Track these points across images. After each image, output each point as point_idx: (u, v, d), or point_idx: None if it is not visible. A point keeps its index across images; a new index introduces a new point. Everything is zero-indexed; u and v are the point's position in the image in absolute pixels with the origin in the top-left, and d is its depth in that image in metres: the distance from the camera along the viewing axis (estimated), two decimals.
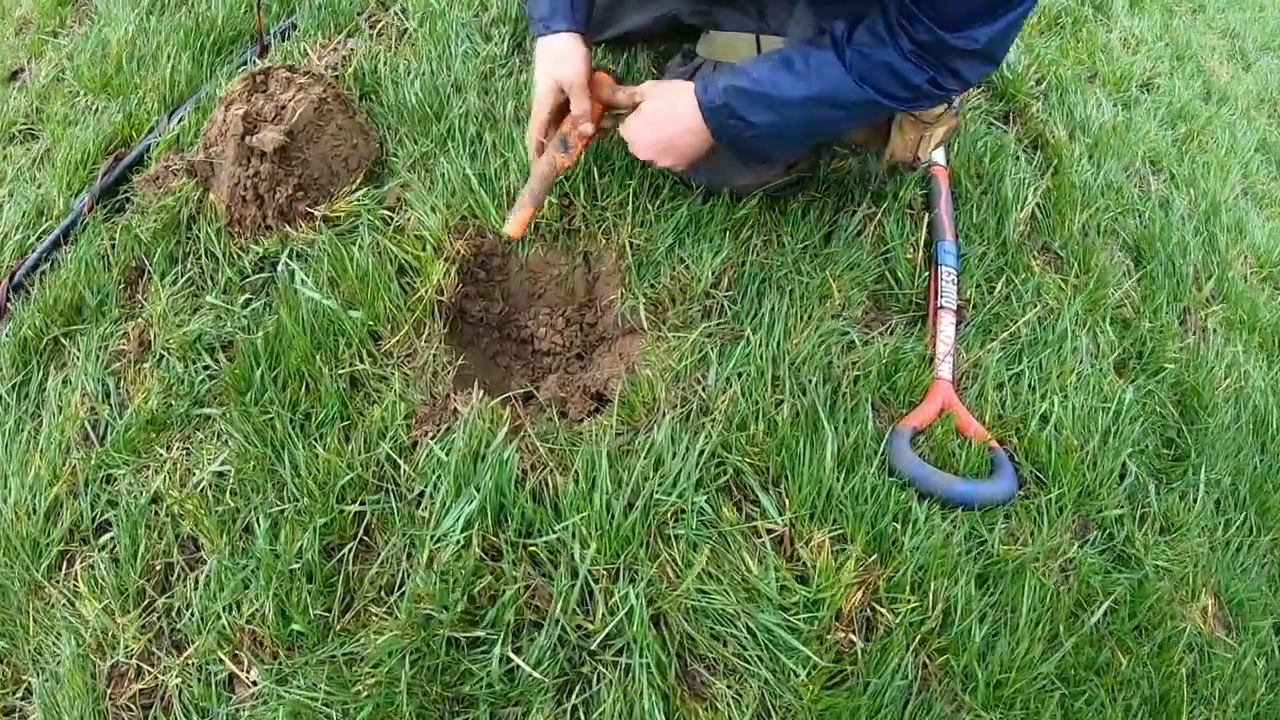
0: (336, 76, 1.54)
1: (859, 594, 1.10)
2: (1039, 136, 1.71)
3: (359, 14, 1.73)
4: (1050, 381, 1.38)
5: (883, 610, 1.11)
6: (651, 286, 1.30)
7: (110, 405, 1.32)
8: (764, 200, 1.37)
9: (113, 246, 1.44)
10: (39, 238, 1.51)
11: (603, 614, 1.03)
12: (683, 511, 1.09)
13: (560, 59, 1.21)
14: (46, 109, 1.74)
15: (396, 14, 1.72)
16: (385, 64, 1.60)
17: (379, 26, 1.70)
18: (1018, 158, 1.63)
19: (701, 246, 1.31)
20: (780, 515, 1.11)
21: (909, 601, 1.11)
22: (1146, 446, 1.39)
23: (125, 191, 1.51)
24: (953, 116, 1.38)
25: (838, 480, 1.13)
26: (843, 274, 1.34)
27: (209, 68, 1.66)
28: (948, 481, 1.20)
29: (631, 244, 1.34)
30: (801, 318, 1.27)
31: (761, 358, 1.20)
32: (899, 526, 1.15)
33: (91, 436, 1.29)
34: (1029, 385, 1.36)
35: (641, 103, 1.22)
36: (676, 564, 1.06)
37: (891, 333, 1.33)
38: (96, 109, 1.65)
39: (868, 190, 1.45)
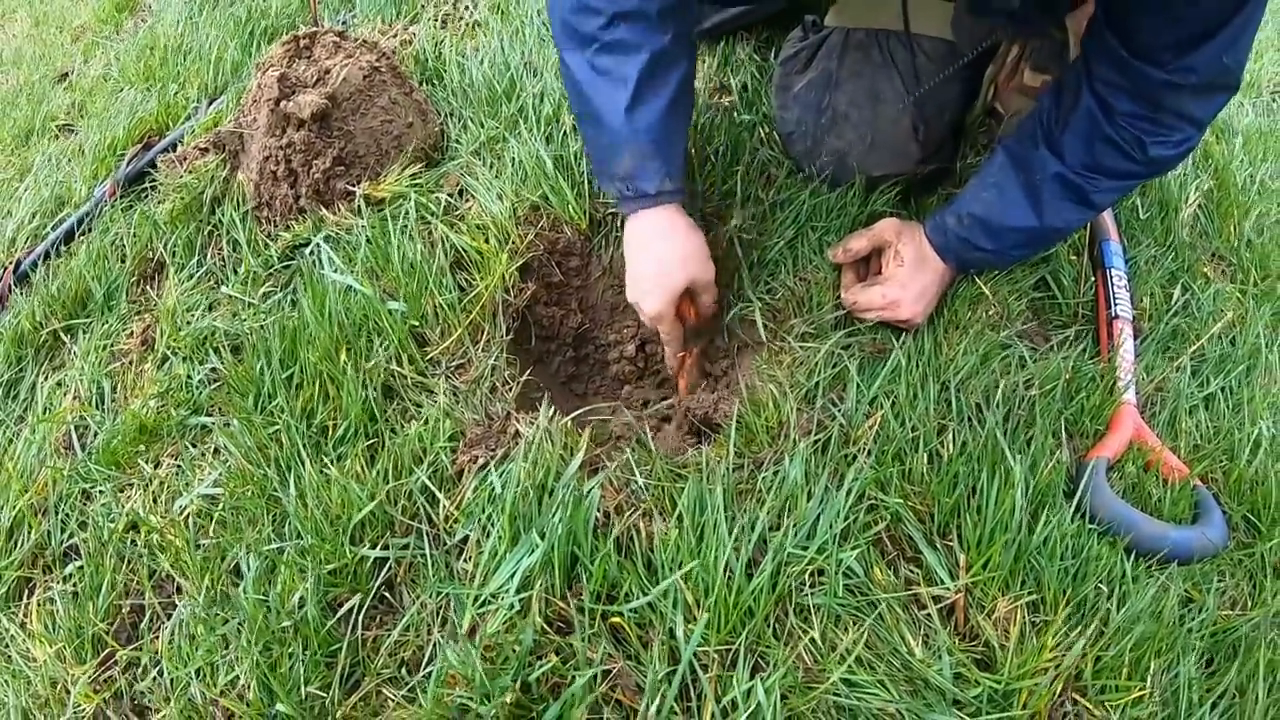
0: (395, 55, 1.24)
1: (1060, 683, 0.71)
2: None
3: (422, 6, 1.46)
4: (1246, 407, 0.99)
5: (1087, 703, 0.71)
6: (768, 290, 0.95)
7: (102, 411, 1.00)
8: (900, 192, 1.03)
9: (130, 235, 1.14)
10: (55, 227, 1.22)
11: (713, 715, 0.65)
12: (821, 573, 0.71)
13: (693, 251, 0.88)
14: (89, 105, 1.48)
15: (466, 5, 1.44)
16: (451, 47, 1.31)
17: (443, 14, 1.41)
18: None
19: (830, 241, 0.96)
20: (951, 578, 0.73)
21: (1129, 689, 0.71)
22: None
23: (152, 181, 1.22)
24: None
25: (1027, 530, 0.75)
26: (996, 279, 0.97)
27: (256, 56, 1.38)
28: (1160, 529, 0.81)
29: (741, 238, 0.99)
30: (955, 328, 0.91)
31: (914, 375, 0.83)
32: (1104, 589, 0.76)
33: (74, 444, 0.97)
34: (1224, 410, 0.97)
35: (887, 271, 0.94)
36: (816, 646, 0.68)
37: (1059, 347, 0.96)
38: (134, 100, 1.38)
39: None
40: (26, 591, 0.89)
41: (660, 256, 0.87)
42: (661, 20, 0.83)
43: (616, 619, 0.68)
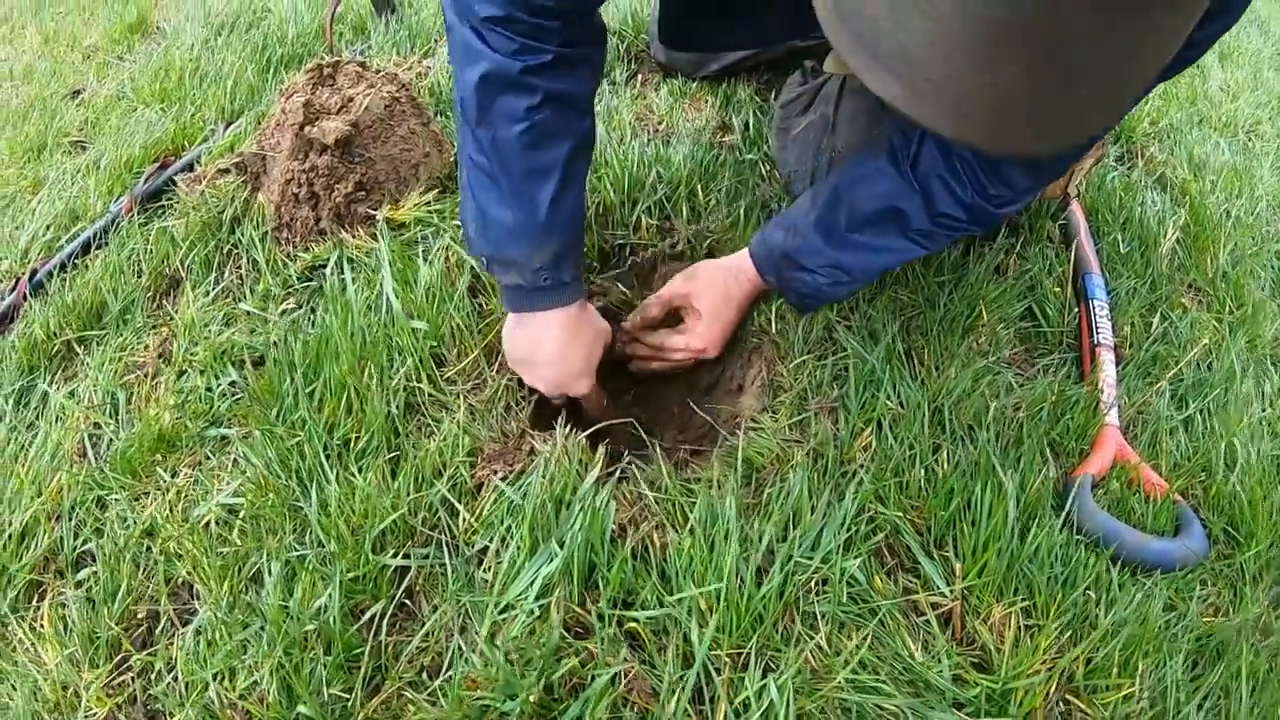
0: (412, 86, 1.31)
1: (1054, 683, 0.76)
2: (1161, 175, 1.44)
3: (436, 40, 1.53)
4: (1223, 427, 1.06)
5: (1080, 703, 0.76)
6: (766, 316, 1.01)
7: (117, 421, 1.03)
8: None
9: (146, 250, 1.18)
10: (70, 239, 1.26)
11: (726, 714, 0.69)
12: (826, 582, 0.76)
13: (593, 342, 0.92)
14: (102, 123, 1.53)
15: None
16: None
17: None
18: (1148, 189, 1.36)
19: None
20: (948, 586, 0.78)
21: (1119, 688, 0.76)
22: None
23: (169, 199, 1.27)
24: (1101, 145, 1.13)
25: (1019, 540, 0.80)
26: (988, 309, 1.04)
27: (274, 83, 1.45)
28: (1142, 540, 0.87)
29: None
30: (944, 354, 0.97)
31: (893, 398, 0.89)
32: (1093, 595, 0.82)
33: (89, 452, 1.00)
34: (1202, 432, 1.04)
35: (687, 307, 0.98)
36: (823, 650, 0.72)
37: (1044, 373, 1.03)
38: (150, 120, 1.43)
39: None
40: (37, 596, 0.91)
41: (580, 348, 0.90)
42: (589, 104, 0.82)
43: (633, 625, 0.73)
